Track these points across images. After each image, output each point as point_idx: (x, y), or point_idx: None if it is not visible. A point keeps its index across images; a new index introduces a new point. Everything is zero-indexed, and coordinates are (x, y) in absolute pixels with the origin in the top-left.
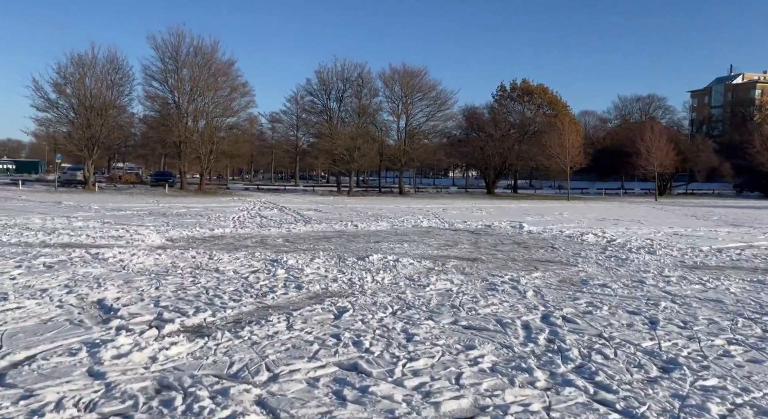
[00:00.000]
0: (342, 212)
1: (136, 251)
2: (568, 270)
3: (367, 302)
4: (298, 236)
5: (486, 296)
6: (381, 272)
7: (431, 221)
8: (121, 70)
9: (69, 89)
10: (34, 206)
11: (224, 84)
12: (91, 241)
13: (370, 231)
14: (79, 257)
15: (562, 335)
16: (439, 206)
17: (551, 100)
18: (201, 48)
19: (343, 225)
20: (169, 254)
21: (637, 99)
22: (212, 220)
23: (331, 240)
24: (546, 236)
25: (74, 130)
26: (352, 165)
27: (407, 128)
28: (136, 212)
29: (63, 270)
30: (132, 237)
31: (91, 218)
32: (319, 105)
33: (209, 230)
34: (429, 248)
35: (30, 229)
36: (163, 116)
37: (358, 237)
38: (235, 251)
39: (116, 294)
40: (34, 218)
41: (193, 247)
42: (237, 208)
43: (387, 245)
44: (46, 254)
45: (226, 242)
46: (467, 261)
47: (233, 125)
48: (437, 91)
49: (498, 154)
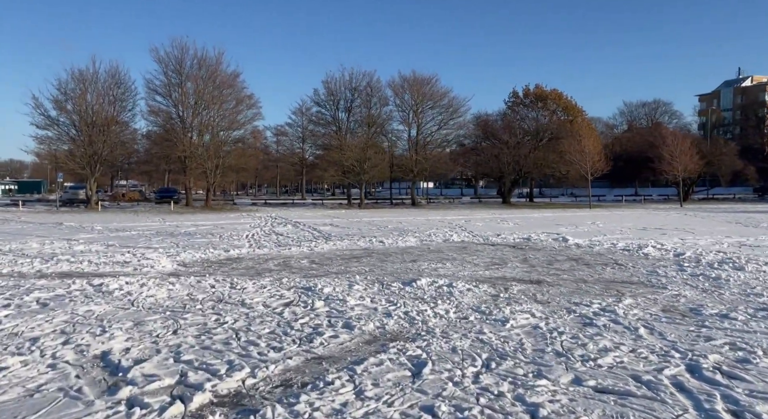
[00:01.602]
0: (360, 226)
1: (145, 280)
2: (661, 294)
3: (443, 348)
4: (323, 256)
5: (589, 335)
6: (439, 302)
7: (461, 235)
8: (123, 84)
9: (70, 106)
10: (33, 228)
11: (229, 96)
12: (94, 268)
13: (400, 248)
14: (80, 291)
15: (746, 403)
16: (459, 218)
17: (566, 106)
18: (205, 60)
19: (367, 242)
20: (183, 283)
21: (643, 104)
22: (225, 239)
23: (362, 260)
24: (599, 250)
25: (76, 147)
26: (362, 177)
27: (418, 137)
28: (142, 233)
29: (60, 309)
30: (140, 262)
31: (94, 241)
32: (327, 116)
33: (224, 251)
34: (477, 268)
35: (26, 255)
36: (167, 131)
37: (390, 256)
38: (259, 277)
39: (125, 343)
40: (31, 242)
41: (210, 273)
42: (248, 225)
43: (427, 265)
44: (42, 287)
45: (245, 265)
46: (532, 285)
47: (239, 139)
48: (449, 98)
49: (513, 162)
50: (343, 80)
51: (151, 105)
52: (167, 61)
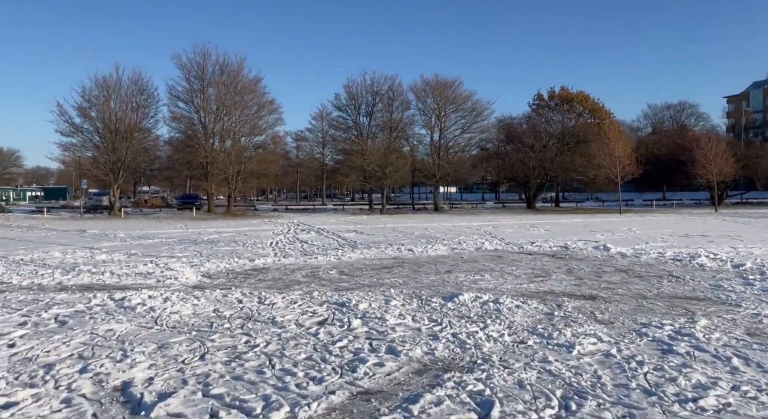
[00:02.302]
0: (385, 233)
1: (168, 294)
2: (738, 314)
3: (508, 381)
4: (352, 266)
5: (675, 366)
6: (488, 322)
7: (492, 243)
8: (146, 91)
9: (94, 113)
10: (57, 236)
11: (251, 102)
12: (116, 280)
13: (431, 257)
14: (101, 306)
15: None
16: (485, 224)
17: (593, 108)
18: (227, 66)
19: (395, 250)
20: (209, 297)
21: (668, 107)
22: (249, 247)
23: (393, 271)
24: (647, 259)
25: (99, 154)
26: (384, 182)
27: (441, 141)
28: (164, 240)
29: (79, 328)
30: (163, 273)
31: (117, 250)
32: (349, 120)
33: (249, 260)
34: (520, 281)
35: (47, 265)
36: (189, 137)
37: (422, 266)
38: (288, 291)
39: (147, 372)
40: (54, 251)
41: (236, 285)
42: (271, 232)
43: (464, 277)
44: (61, 302)
45: (272, 277)
46: (586, 301)
47: (260, 144)
48: (472, 101)
49: (539, 166)
50: (364, 84)
51: (174, 111)
52: (189, 68)
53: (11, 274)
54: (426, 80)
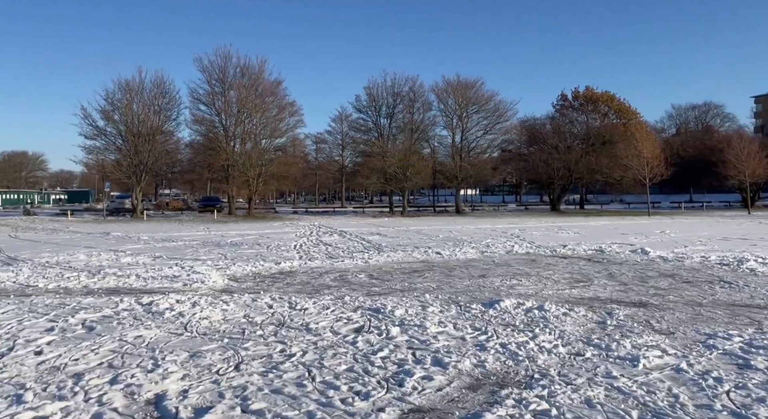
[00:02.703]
0: (409, 236)
1: (197, 298)
2: None
3: (573, 400)
4: (380, 269)
5: (760, 384)
6: (536, 331)
7: (522, 246)
8: (168, 94)
9: (117, 116)
10: (81, 238)
11: (272, 104)
12: (142, 284)
13: (461, 261)
14: (128, 311)
15: None
16: (510, 226)
17: (619, 108)
18: (248, 68)
19: (423, 253)
20: (238, 302)
21: (693, 107)
22: (273, 250)
23: (425, 275)
24: (691, 264)
25: (122, 157)
26: (405, 184)
27: (463, 143)
28: (188, 243)
29: (107, 334)
30: (189, 277)
31: (141, 252)
32: (369, 122)
33: (275, 263)
34: (560, 286)
35: (73, 268)
36: (210, 140)
37: (453, 270)
38: (318, 296)
39: (181, 384)
40: (79, 253)
41: (264, 289)
42: (294, 234)
43: (500, 281)
44: (88, 306)
45: (300, 280)
46: (637, 308)
47: (281, 146)
48: (495, 102)
49: (564, 167)
50: (385, 86)
51: (195, 114)
52: (211, 70)
53: (37, 277)
54: (447, 81)
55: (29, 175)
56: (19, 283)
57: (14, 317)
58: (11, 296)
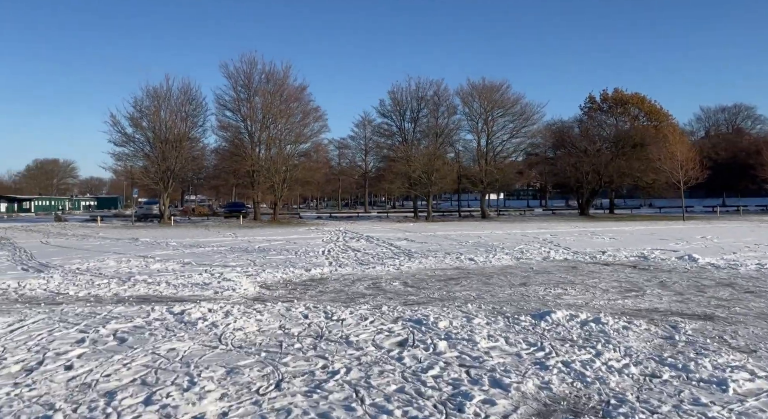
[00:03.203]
0: (438, 241)
1: (229, 307)
2: None
3: None
4: (414, 276)
5: None
6: (599, 347)
7: (558, 252)
8: (194, 100)
9: (145, 122)
10: (111, 244)
11: (296, 110)
12: (172, 291)
13: (497, 268)
14: (160, 320)
15: None
16: (541, 232)
17: (650, 110)
18: (273, 74)
19: (455, 259)
20: (272, 311)
21: (723, 109)
22: (301, 256)
23: (462, 283)
24: (748, 272)
25: (150, 163)
26: (430, 188)
27: (488, 147)
28: (215, 249)
29: (139, 346)
30: (220, 284)
31: (170, 258)
32: (393, 126)
33: (305, 270)
34: (610, 296)
35: (103, 275)
36: (235, 146)
37: (491, 278)
38: (354, 305)
39: (220, 405)
40: (108, 259)
41: (297, 297)
42: (320, 240)
43: (544, 290)
44: (119, 315)
45: (333, 288)
46: (704, 321)
47: (305, 152)
48: (521, 105)
49: (593, 171)
50: (409, 90)
51: (221, 120)
52: (236, 77)
53: (68, 285)
54: (473, 84)
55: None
56: (50, 291)
57: (45, 327)
58: (42, 305)
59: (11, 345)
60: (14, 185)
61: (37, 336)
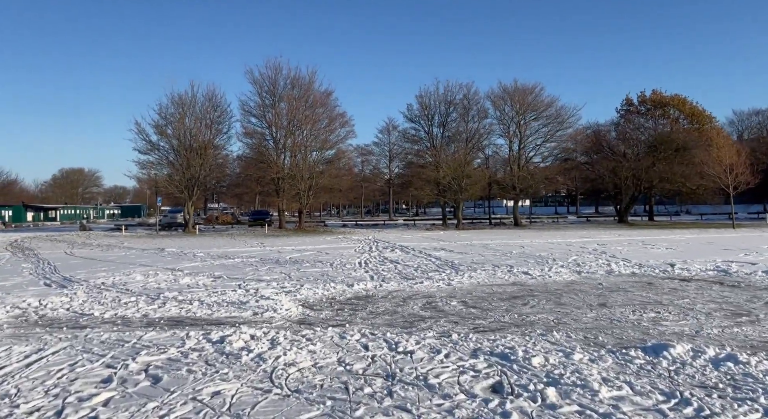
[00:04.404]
0: (479, 251)
1: (273, 332)
2: None
3: None
4: (471, 294)
5: None
6: (762, 400)
7: (619, 265)
8: (219, 107)
9: (169, 130)
10: (137, 255)
11: (322, 115)
12: (207, 312)
13: (560, 284)
14: (197, 351)
15: None
16: (585, 240)
17: (692, 113)
18: (298, 79)
19: (508, 273)
20: (323, 338)
21: (756, 113)
22: (338, 269)
23: (528, 302)
24: None
25: (174, 171)
26: (461, 195)
27: (521, 151)
28: (245, 260)
29: (177, 389)
30: (258, 303)
31: (199, 271)
32: (421, 132)
33: (346, 285)
34: (719, 322)
35: (130, 291)
36: (260, 153)
37: (560, 296)
38: (416, 331)
39: None
40: (135, 273)
41: (347, 320)
42: (353, 249)
43: (632, 314)
44: (150, 344)
45: (384, 308)
46: None
47: (331, 158)
48: (556, 108)
49: (633, 176)
50: (437, 94)
51: (246, 127)
52: (261, 83)
53: (93, 303)
54: (504, 87)
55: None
56: (73, 311)
57: (66, 359)
58: (64, 329)
59: (26, 386)
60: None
61: (57, 373)
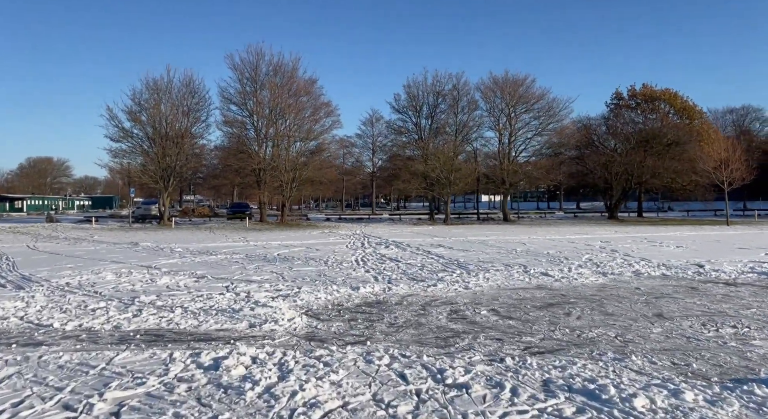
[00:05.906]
0: (480, 248)
1: (280, 353)
2: None
3: None
4: (497, 300)
5: None
6: None
7: (640, 265)
8: (197, 94)
9: (144, 117)
10: (108, 250)
11: (306, 104)
12: (193, 323)
13: (591, 287)
14: (185, 382)
15: None
16: (586, 237)
17: (683, 107)
18: (281, 66)
19: (525, 274)
20: (345, 364)
21: (730, 111)
22: (335, 267)
23: (570, 312)
24: None
25: (149, 161)
26: (450, 189)
27: (511, 145)
28: (229, 257)
29: None
30: (253, 312)
31: (179, 269)
32: (409, 123)
33: (351, 288)
34: None
35: (99, 294)
36: (241, 142)
37: (603, 304)
38: (455, 351)
39: None
40: (105, 271)
41: (367, 335)
42: (344, 245)
43: (702, 327)
44: (122, 371)
45: (405, 319)
46: None
47: (315, 149)
48: (547, 100)
49: (624, 171)
50: (425, 84)
51: (226, 115)
52: (242, 69)
53: (53, 310)
54: (494, 78)
55: (54, 181)
56: (27, 320)
57: (10, 395)
58: (13, 347)
59: None
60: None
61: None
